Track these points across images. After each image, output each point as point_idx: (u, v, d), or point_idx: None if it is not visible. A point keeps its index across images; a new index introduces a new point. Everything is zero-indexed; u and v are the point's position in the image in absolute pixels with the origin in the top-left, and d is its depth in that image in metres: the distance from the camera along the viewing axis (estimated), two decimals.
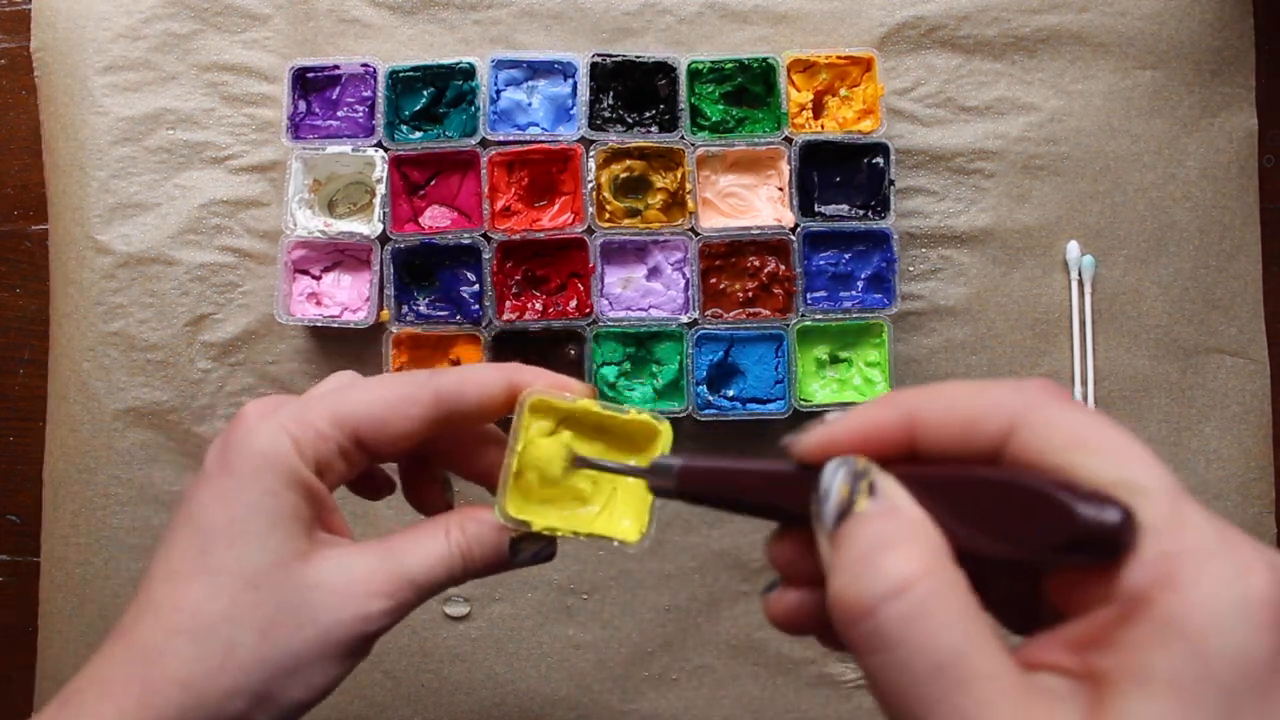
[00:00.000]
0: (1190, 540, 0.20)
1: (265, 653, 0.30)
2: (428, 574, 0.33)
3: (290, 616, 0.30)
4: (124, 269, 0.63)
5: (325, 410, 0.32)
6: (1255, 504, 0.64)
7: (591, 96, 0.63)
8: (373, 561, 0.32)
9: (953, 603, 0.21)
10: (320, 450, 0.32)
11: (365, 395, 0.33)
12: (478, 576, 0.34)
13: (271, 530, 0.31)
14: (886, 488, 0.24)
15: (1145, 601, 0.20)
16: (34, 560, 0.65)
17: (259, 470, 0.31)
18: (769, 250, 0.63)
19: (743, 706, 0.63)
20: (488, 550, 0.34)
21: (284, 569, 0.31)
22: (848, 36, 0.64)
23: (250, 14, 0.65)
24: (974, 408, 0.24)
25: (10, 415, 0.66)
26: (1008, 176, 0.65)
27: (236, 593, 0.30)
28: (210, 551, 0.30)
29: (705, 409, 0.62)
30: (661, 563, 0.63)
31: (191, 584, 0.30)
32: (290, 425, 0.31)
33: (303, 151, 0.62)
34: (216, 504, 0.31)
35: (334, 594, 0.31)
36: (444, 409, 0.33)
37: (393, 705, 0.63)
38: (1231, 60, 0.65)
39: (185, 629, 0.29)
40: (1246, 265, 0.65)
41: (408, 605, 0.33)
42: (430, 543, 0.33)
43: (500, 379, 0.34)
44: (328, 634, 0.31)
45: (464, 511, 0.34)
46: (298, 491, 0.31)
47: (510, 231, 0.62)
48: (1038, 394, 0.23)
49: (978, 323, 0.64)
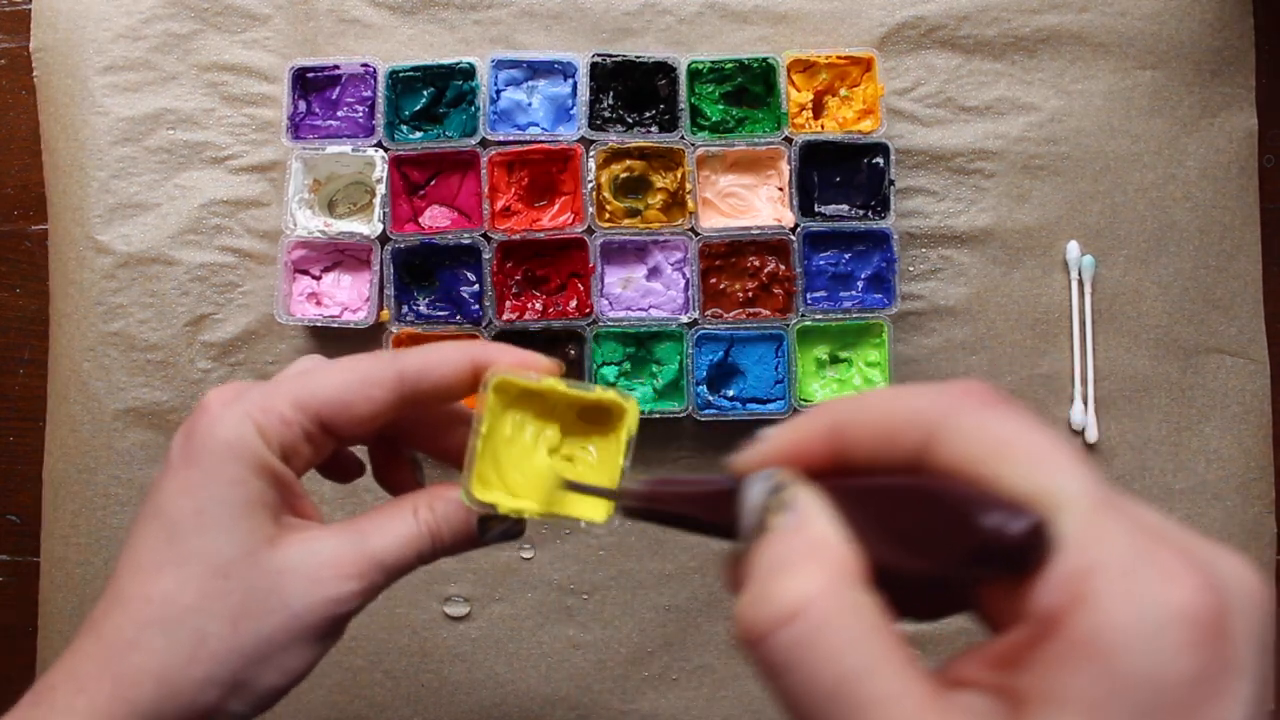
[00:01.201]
0: (1106, 554, 0.19)
1: (237, 641, 0.30)
2: (396, 555, 0.33)
3: (260, 603, 0.30)
4: (124, 269, 0.63)
5: (289, 395, 0.32)
6: (1255, 504, 0.64)
7: (591, 96, 0.63)
8: (341, 544, 0.32)
9: (851, 626, 0.20)
10: (285, 436, 0.31)
11: (328, 378, 0.32)
12: (447, 555, 0.34)
13: (239, 519, 0.30)
14: (801, 502, 0.23)
15: (1057, 621, 0.19)
16: (34, 560, 0.65)
17: (224, 459, 0.31)
18: (769, 250, 0.63)
19: (743, 706, 0.63)
20: (456, 529, 0.33)
21: (252, 556, 0.30)
22: (848, 36, 0.64)
23: (250, 14, 0.65)
24: (893, 417, 0.23)
25: (10, 415, 0.66)
26: (1008, 176, 0.65)
27: (206, 582, 0.30)
28: (178, 542, 0.30)
29: (705, 409, 0.62)
30: (661, 563, 0.63)
31: (160, 575, 0.30)
32: (254, 412, 0.31)
33: (303, 151, 0.62)
34: (182, 494, 0.31)
35: (303, 578, 0.31)
36: (408, 390, 0.33)
37: (393, 705, 0.63)
38: (1231, 60, 0.65)
39: (156, 620, 0.29)
40: (1246, 265, 0.65)
41: (377, 587, 0.32)
42: (399, 523, 0.33)
43: (464, 358, 0.33)
44: (298, 619, 0.31)
45: (432, 491, 0.34)
46: (264, 478, 0.31)
47: (510, 231, 0.62)
48: (957, 400, 0.22)
49: (978, 323, 0.64)
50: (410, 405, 0.33)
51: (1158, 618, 0.18)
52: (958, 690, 0.21)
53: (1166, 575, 0.18)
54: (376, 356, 0.33)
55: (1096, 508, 0.20)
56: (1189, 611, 0.18)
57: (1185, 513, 0.64)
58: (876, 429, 0.23)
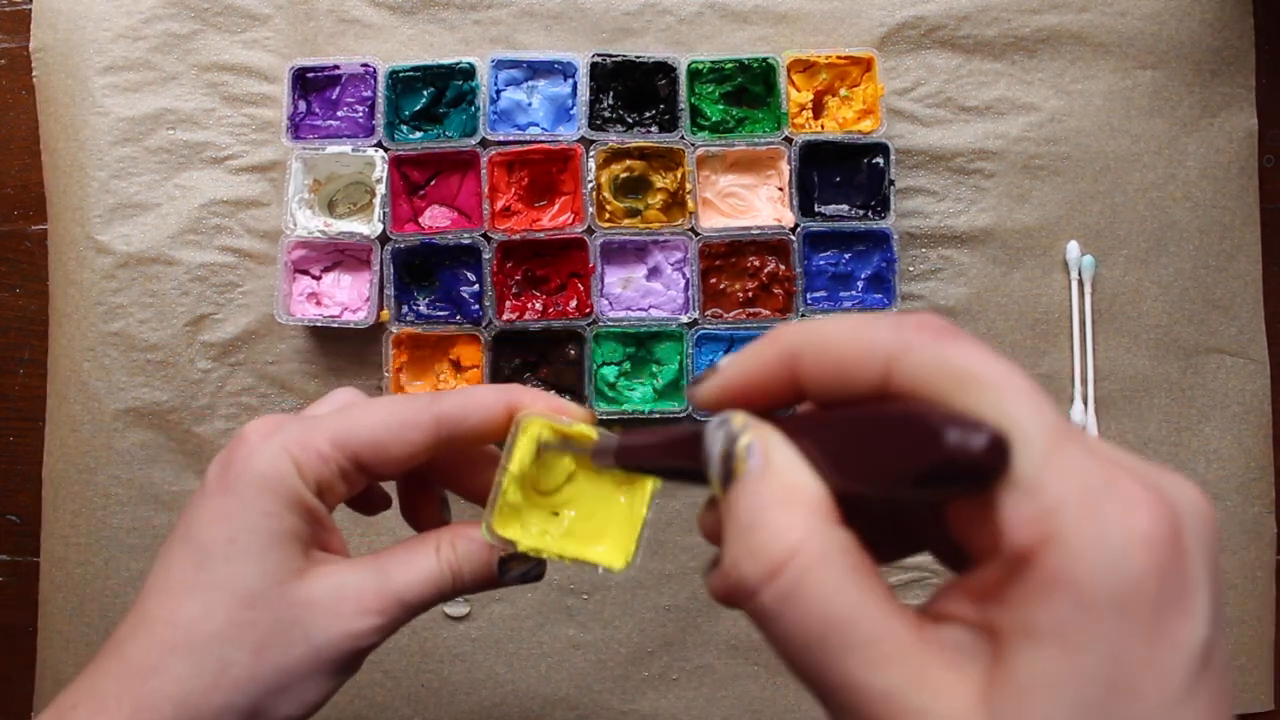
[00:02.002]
0: (1069, 488, 0.19)
1: (258, 671, 0.30)
2: (417, 592, 0.33)
3: (283, 634, 0.31)
4: (124, 269, 0.63)
5: (328, 432, 0.32)
6: (1255, 504, 0.64)
7: (591, 96, 0.63)
8: (364, 579, 0.32)
9: (834, 569, 0.21)
10: (321, 472, 0.32)
11: (367, 418, 0.33)
12: (467, 593, 0.34)
13: (269, 550, 0.31)
14: (763, 445, 0.23)
15: (1028, 558, 0.19)
16: (34, 560, 0.65)
17: (260, 491, 0.31)
18: (769, 250, 0.63)
19: (743, 706, 0.63)
20: (477, 569, 0.34)
21: (280, 588, 0.31)
22: (848, 36, 0.64)
23: (250, 14, 0.65)
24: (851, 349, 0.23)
25: (10, 415, 0.66)
26: (1008, 176, 0.65)
27: (232, 611, 0.30)
28: (207, 569, 0.31)
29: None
30: (661, 563, 0.63)
31: (187, 600, 0.30)
32: (292, 447, 0.32)
33: (303, 151, 0.62)
34: (216, 522, 0.31)
35: (325, 612, 0.31)
36: (445, 432, 0.33)
37: (393, 705, 0.63)
38: (1231, 60, 0.65)
39: (180, 645, 0.30)
40: (1246, 265, 0.65)
41: (398, 622, 0.33)
42: (421, 560, 0.33)
43: (501, 401, 0.34)
44: (319, 652, 0.31)
45: (455, 529, 0.35)
46: (297, 513, 0.32)
47: (510, 231, 0.62)
48: (915, 333, 0.22)
49: (978, 323, 0.64)
50: (446, 447, 0.34)
51: (1121, 545, 0.19)
52: (940, 625, 0.21)
53: (1126, 504, 0.19)
54: (414, 398, 0.34)
55: (1056, 439, 0.20)
56: (1150, 535, 0.19)
57: None
58: (834, 361, 0.23)
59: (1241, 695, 0.64)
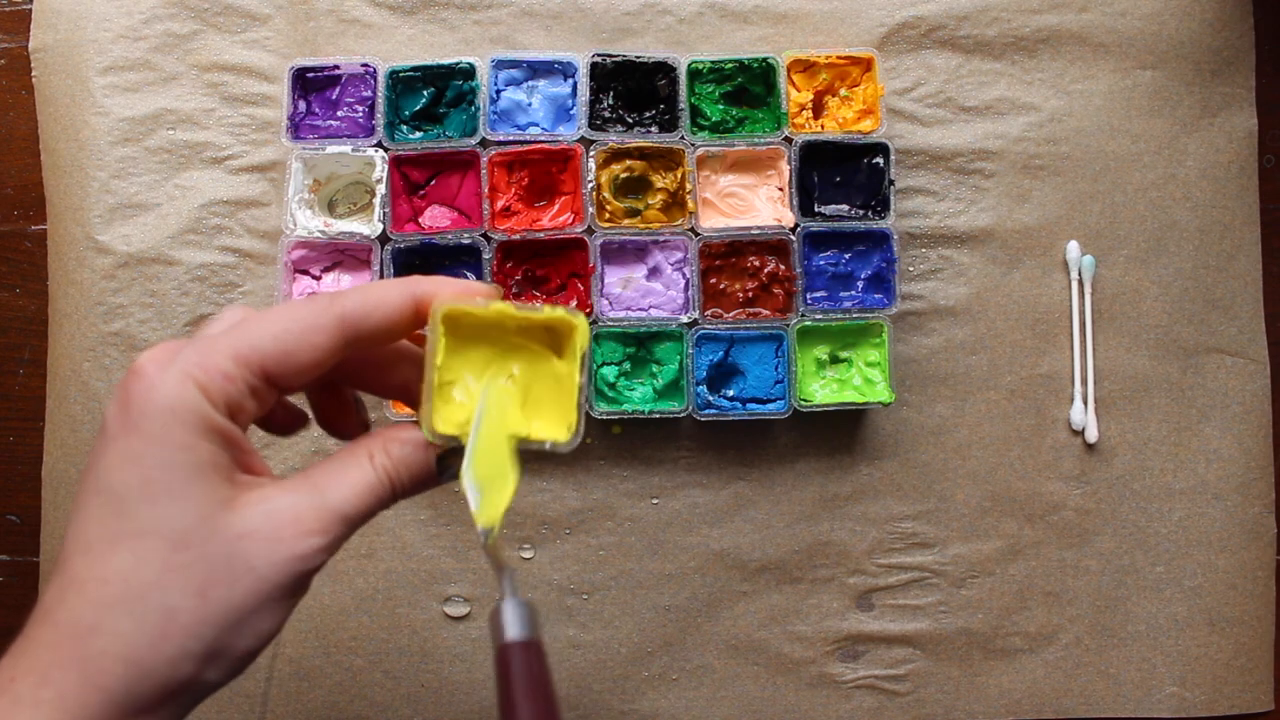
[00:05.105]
0: None
1: (206, 612, 0.29)
2: (356, 505, 0.32)
3: (225, 571, 0.29)
4: (124, 269, 0.63)
5: (228, 349, 0.30)
6: (1255, 504, 0.64)
7: (591, 96, 0.63)
8: (299, 500, 0.31)
9: None
10: (229, 392, 0.30)
11: (268, 328, 0.31)
12: (406, 497, 0.34)
13: (190, 485, 0.29)
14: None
15: None
16: (34, 560, 0.65)
17: (167, 424, 0.29)
18: (769, 250, 0.63)
19: (743, 706, 0.63)
20: (415, 471, 0.33)
21: (210, 523, 0.29)
22: (848, 36, 0.65)
23: (250, 14, 0.65)
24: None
25: (10, 415, 0.66)
26: (1008, 176, 0.65)
27: (166, 555, 0.29)
28: (128, 516, 0.29)
29: (705, 409, 0.62)
30: (661, 563, 0.63)
31: (113, 553, 0.29)
32: (194, 371, 0.30)
33: (303, 151, 0.62)
34: (126, 465, 0.29)
35: (264, 540, 0.30)
36: (350, 333, 0.32)
37: (393, 705, 0.63)
38: (1231, 60, 0.65)
39: (116, 601, 0.28)
40: (1246, 265, 0.65)
41: (340, 539, 0.32)
42: (355, 472, 0.32)
43: (405, 293, 0.33)
44: (266, 581, 0.30)
45: (384, 434, 0.33)
46: (212, 440, 0.30)
47: (510, 231, 0.62)
48: None
49: (978, 323, 0.64)
50: (353, 348, 0.32)
51: None
52: None
53: None
54: (313, 300, 0.32)
55: None
56: None
57: (1185, 513, 0.64)
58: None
59: (1242, 695, 0.64)
